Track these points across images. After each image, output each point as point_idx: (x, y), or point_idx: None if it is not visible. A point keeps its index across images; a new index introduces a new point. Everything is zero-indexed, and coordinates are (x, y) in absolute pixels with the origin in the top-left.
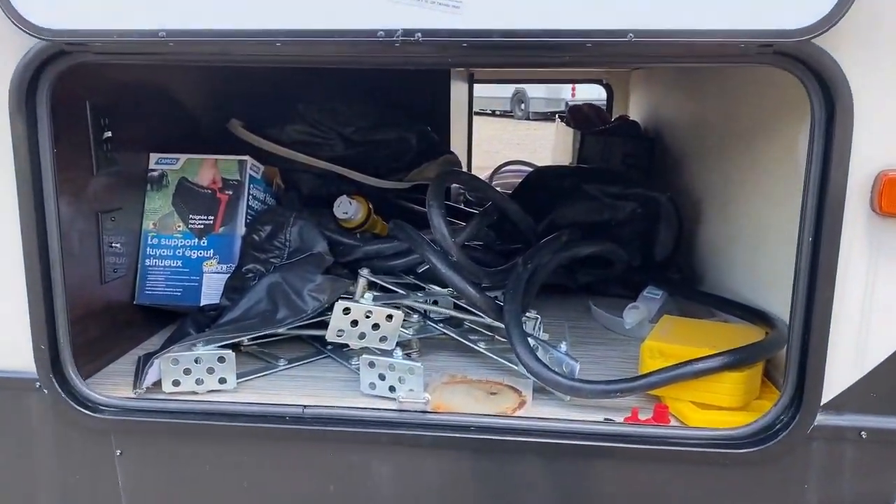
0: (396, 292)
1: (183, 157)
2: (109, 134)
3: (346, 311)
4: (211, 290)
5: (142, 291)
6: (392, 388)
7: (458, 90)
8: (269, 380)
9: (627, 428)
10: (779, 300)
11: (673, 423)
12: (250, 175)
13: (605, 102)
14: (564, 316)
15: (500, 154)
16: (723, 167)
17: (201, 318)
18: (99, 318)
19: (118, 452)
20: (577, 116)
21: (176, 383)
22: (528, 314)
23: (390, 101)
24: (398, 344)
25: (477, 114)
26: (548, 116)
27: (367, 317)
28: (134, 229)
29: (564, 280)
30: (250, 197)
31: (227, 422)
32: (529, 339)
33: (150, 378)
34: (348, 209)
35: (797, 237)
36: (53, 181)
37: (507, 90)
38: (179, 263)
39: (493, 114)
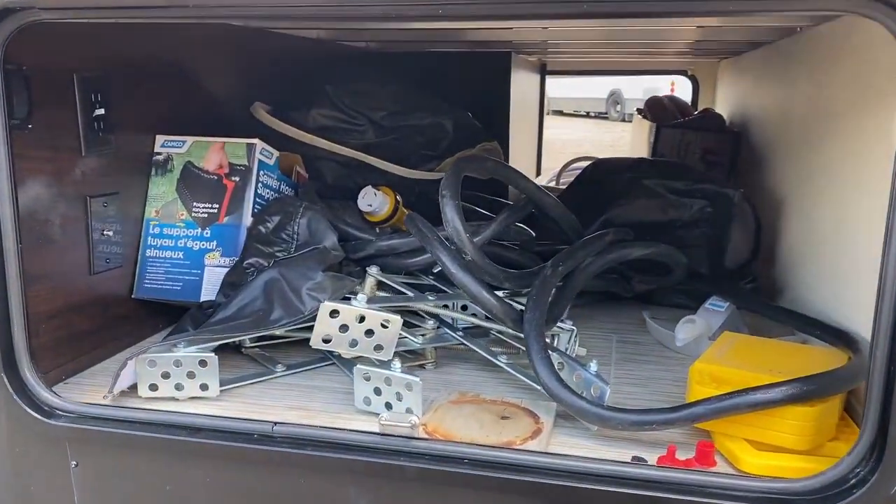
0: (405, 294)
1: (190, 140)
2: (102, 111)
3: (334, 313)
4: (212, 285)
5: (141, 284)
6: (388, 406)
7: (527, 83)
8: (260, 388)
9: (658, 472)
10: (869, 318)
11: (720, 465)
12: (260, 160)
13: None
14: (617, 328)
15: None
16: (807, 160)
17: (200, 315)
18: (86, 312)
19: (73, 464)
20: (654, 109)
21: (153, 388)
22: (561, 325)
23: (439, 91)
24: (412, 353)
25: (570, 115)
26: None
27: (361, 321)
28: (134, 216)
29: (617, 287)
30: (259, 184)
31: (188, 437)
32: (555, 354)
33: (124, 381)
34: (373, 201)
35: (884, 236)
36: (8, 160)
37: (603, 91)
38: (181, 255)
39: (587, 115)
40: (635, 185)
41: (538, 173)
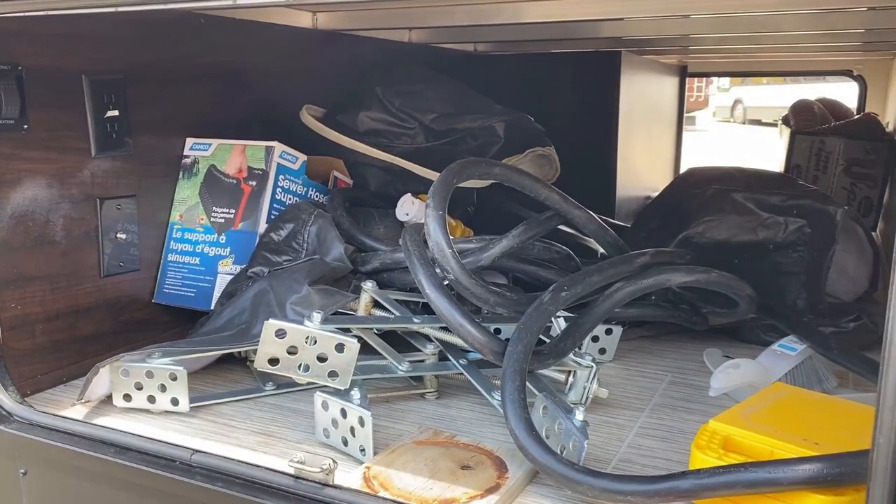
0: (389, 314)
1: (215, 143)
2: (116, 113)
3: (281, 333)
4: None
5: (161, 289)
6: (345, 441)
7: (654, 86)
8: (240, 406)
9: None
10: None
11: None
12: (280, 164)
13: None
14: (678, 367)
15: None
16: None
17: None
18: (95, 315)
19: (22, 471)
20: (800, 115)
21: (127, 398)
22: (579, 360)
23: (545, 95)
24: (418, 379)
25: (769, 125)
26: None
27: (313, 343)
28: (158, 220)
29: (683, 319)
30: (278, 189)
31: (114, 456)
32: (544, 396)
33: (99, 388)
34: (410, 210)
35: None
36: None
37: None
38: (197, 261)
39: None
40: (722, 198)
41: None
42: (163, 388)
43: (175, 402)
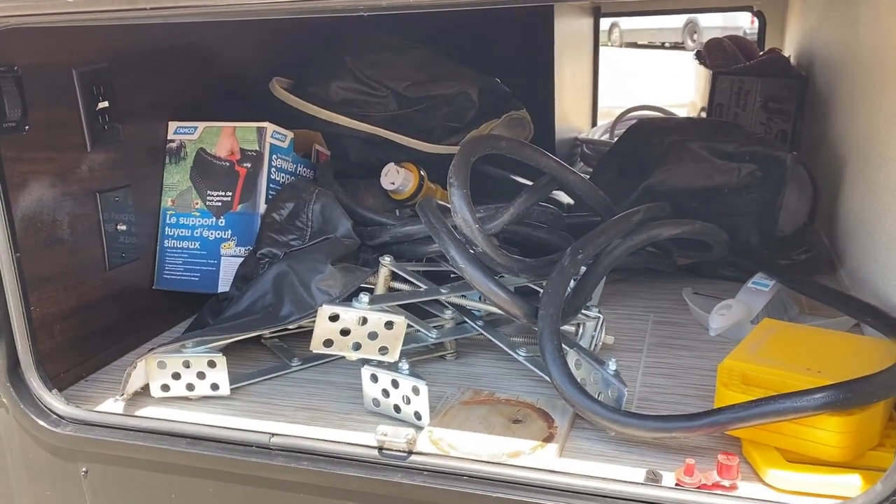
0: (417, 288)
1: (201, 126)
2: (106, 104)
3: (335, 318)
4: (228, 274)
5: (161, 275)
6: (397, 409)
7: (577, 31)
8: (274, 384)
9: (668, 493)
10: None
11: (747, 479)
12: (272, 144)
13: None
14: (656, 306)
15: (670, 92)
16: (872, 113)
17: (218, 306)
18: (104, 308)
19: (83, 470)
20: (714, 53)
21: (165, 388)
22: (586, 313)
23: (475, 47)
24: (436, 345)
25: (645, 47)
26: None
27: (363, 323)
28: (150, 207)
29: (657, 263)
30: (273, 169)
31: (187, 447)
32: (573, 350)
33: (136, 381)
34: (395, 179)
35: None
36: None
37: (679, 20)
38: (197, 245)
39: (662, 46)
40: (679, 148)
41: (594, 124)
42: (201, 376)
43: (215, 387)
